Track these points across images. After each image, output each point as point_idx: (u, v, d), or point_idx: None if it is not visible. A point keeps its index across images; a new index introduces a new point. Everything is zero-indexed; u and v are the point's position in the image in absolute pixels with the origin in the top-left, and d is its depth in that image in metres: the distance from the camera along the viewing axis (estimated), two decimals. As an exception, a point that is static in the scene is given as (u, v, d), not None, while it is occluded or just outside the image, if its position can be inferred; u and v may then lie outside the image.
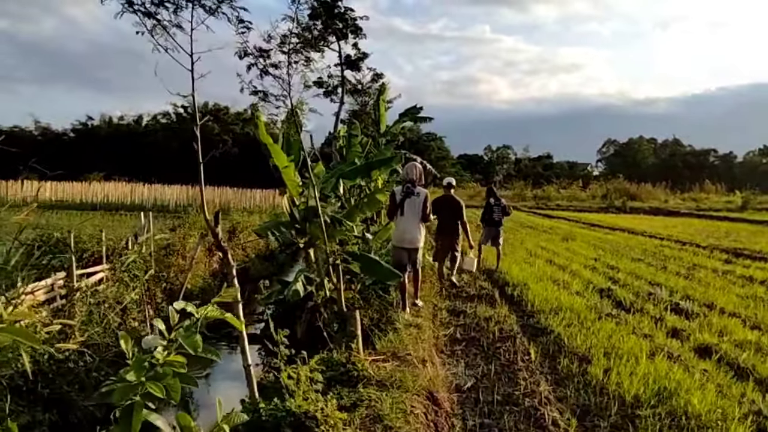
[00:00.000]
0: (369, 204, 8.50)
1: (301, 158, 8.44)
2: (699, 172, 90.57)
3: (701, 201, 55.43)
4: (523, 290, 12.00)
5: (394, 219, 9.45)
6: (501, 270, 14.39)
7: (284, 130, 8.24)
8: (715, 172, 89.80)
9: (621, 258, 17.71)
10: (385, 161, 8.61)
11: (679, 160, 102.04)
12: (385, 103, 24.57)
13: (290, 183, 7.97)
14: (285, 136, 8.39)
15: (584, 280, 13.49)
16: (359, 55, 51.19)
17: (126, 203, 37.39)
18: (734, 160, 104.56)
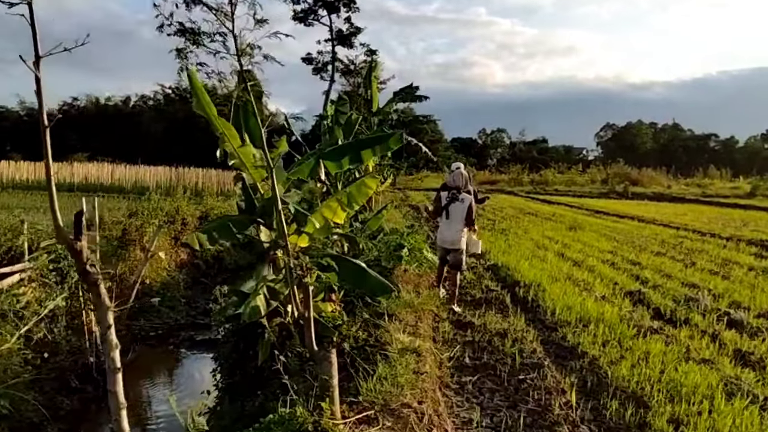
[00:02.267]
0: (356, 192, 6.55)
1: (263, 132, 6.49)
2: (699, 157, 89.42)
3: (706, 187, 53.70)
4: (538, 293, 10.12)
5: (439, 220, 10.01)
6: (505, 265, 12.50)
7: (237, 92, 6.23)
8: (715, 157, 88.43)
9: (640, 251, 15.84)
10: (381, 140, 6.64)
11: (679, 144, 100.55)
12: (377, 80, 22.67)
13: (249, 165, 6.04)
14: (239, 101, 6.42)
15: (607, 280, 11.62)
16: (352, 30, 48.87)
17: (105, 185, 35.38)
18: (735, 145, 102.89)
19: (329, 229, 6.44)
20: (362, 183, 6.64)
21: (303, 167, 6.43)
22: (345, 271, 6.23)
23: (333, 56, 49.79)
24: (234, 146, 5.92)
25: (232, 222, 6.12)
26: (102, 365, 8.20)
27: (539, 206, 32.08)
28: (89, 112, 71.21)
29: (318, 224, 6.22)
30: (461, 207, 9.55)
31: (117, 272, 9.73)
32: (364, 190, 6.61)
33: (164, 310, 11.38)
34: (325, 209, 6.34)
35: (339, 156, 6.57)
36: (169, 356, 10.41)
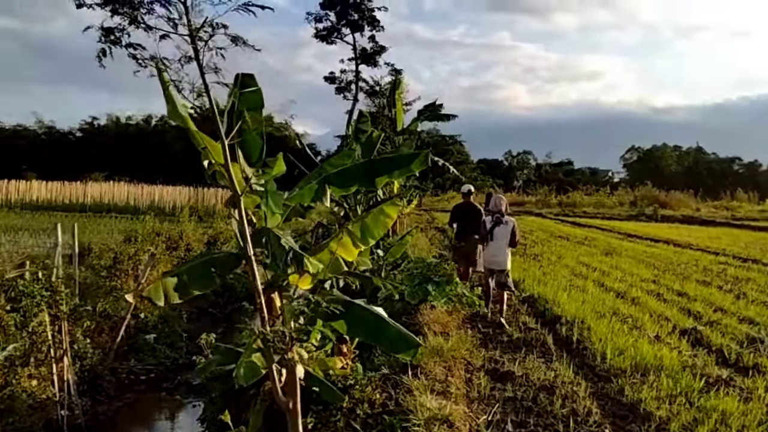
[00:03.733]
0: (373, 223, 5.46)
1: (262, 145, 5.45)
2: (723, 180, 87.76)
3: (735, 210, 51.95)
4: (583, 331, 8.97)
5: (485, 244, 10.43)
6: (542, 296, 11.36)
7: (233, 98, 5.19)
8: (739, 181, 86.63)
9: (684, 280, 14.58)
10: (399, 162, 5.52)
11: (703, 167, 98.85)
12: (402, 98, 21.68)
13: (238, 187, 5.02)
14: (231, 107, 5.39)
15: (656, 315, 10.42)
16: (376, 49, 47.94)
17: (120, 205, 34.56)
18: (759, 168, 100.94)
19: (339, 267, 5.35)
20: (380, 212, 5.57)
21: (304, 192, 5.36)
22: (356, 320, 5.12)
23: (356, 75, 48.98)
24: (218, 164, 4.88)
25: (216, 262, 5.00)
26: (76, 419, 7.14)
27: (570, 229, 30.78)
28: (109, 131, 70.69)
29: (325, 262, 5.16)
30: (506, 229, 10.21)
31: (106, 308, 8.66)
32: (383, 220, 5.53)
33: (161, 348, 10.22)
34: (334, 245, 5.27)
35: (347, 180, 5.50)
36: (161, 405, 9.17)
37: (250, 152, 5.61)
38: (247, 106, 5.58)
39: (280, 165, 5.30)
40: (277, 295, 5.14)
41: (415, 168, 5.57)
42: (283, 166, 5.35)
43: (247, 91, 5.56)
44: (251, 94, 5.58)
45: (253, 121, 5.67)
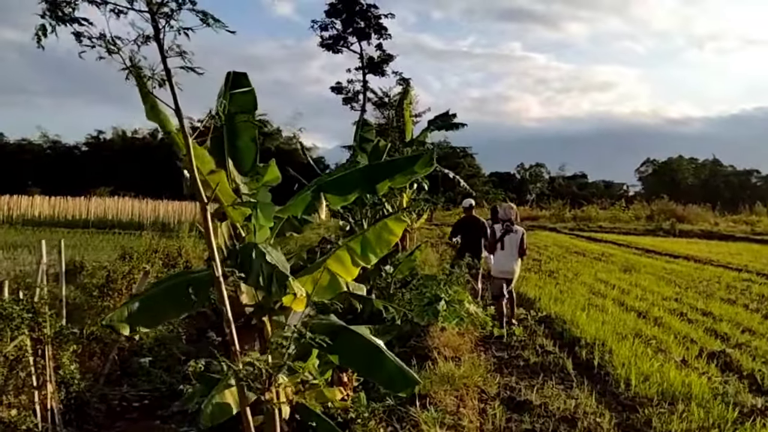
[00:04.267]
0: (375, 239, 4.94)
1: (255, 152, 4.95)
2: (741, 193, 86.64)
3: (755, 224, 50.95)
4: (605, 355, 8.41)
5: (494, 252, 10.72)
6: (559, 317, 10.82)
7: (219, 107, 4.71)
8: (758, 194, 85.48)
9: (707, 298, 13.96)
10: (402, 165, 4.99)
11: (721, 180, 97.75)
12: (410, 108, 21.23)
13: (225, 198, 4.53)
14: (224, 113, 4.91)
15: (681, 336, 9.84)
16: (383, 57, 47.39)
17: (123, 221, 34.11)
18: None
19: (337, 288, 4.83)
20: (384, 227, 5.06)
21: (297, 202, 4.84)
22: (349, 350, 4.56)
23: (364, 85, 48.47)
24: (203, 171, 4.39)
25: (194, 282, 4.46)
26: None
27: (585, 244, 30.12)
28: (115, 145, 70.32)
29: (322, 282, 4.64)
30: (515, 238, 10.54)
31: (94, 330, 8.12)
32: (386, 237, 5.02)
33: (156, 373, 9.61)
34: (332, 263, 4.76)
35: (345, 187, 4.98)
36: None
37: (242, 159, 5.14)
38: (238, 108, 5.12)
39: (272, 172, 4.77)
40: (267, 320, 4.61)
41: (420, 170, 5.04)
42: (276, 172, 4.83)
43: (239, 91, 5.10)
44: (243, 95, 5.12)
45: (245, 125, 5.20)
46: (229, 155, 5.04)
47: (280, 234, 5.07)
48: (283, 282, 4.08)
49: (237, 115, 5.12)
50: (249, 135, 5.15)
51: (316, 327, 4.35)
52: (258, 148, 5.19)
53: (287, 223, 5.01)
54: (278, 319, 4.65)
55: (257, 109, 5.23)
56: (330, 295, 4.84)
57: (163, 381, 9.83)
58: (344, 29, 47.33)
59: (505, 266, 10.49)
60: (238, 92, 5.10)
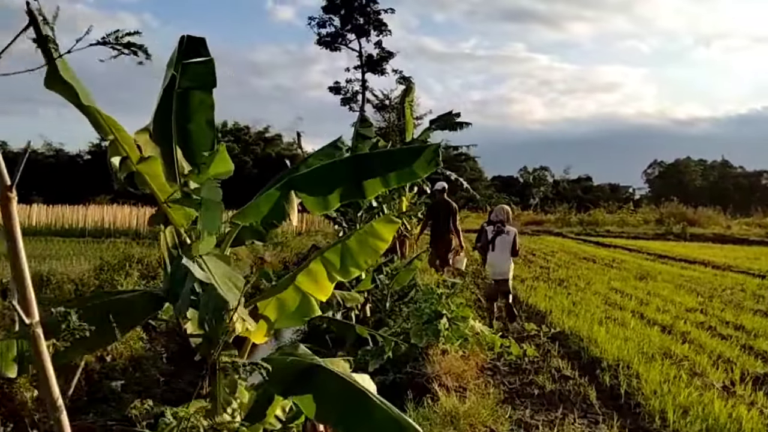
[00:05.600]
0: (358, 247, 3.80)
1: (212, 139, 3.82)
2: (751, 195, 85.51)
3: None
4: (632, 380, 7.24)
5: (487, 254, 10.74)
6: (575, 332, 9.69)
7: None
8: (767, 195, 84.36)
9: (736, 309, 12.79)
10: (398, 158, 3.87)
11: (730, 182, 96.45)
12: (412, 106, 20.14)
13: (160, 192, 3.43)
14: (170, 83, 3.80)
15: (715, 355, 8.68)
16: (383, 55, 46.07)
17: (121, 229, 33.08)
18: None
19: (308, 311, 3.69)
20: (370, 232, 3.92)
21: (260, 202, 3.72)
22: (327, 397, 3.38)
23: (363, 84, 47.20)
24: (132, 160, 3.28)
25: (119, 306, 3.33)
26: None
27: (594, 250, 28.88)
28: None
29: (289, 305, 3.51)
30: (507, 239, 10.48)
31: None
32: (372, 243, 3.89)
33: (129, 397, 8.55)
34: (302, 279, 3.63)
35: (323, 184, 3.84)
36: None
37: (195, 147, 4.01)
38: (192, 82, 3.99)
39: (221, 161, 3.59)
40: (217, 357, 3.48)
41: (421, 170, 3.91)
42: (227, 162, 3.65)
43: (195, 61, 3.96)
44: (200, 65, 3.99)
45: (200, 104, 4.06)
46: (178, 142, 3.92)
47: (239, 242, 3.94)
48: (220, 309, 2.96)
49: (191, 91, 4.00)
50: (205, 117, 4.03)
51: (279, 366, 3.23)
52: (216, 135, 4.07)
53: (247, 229, 3.87)
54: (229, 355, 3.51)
55: (216, 86, 4.10)
56: (298, 321, 3.74)
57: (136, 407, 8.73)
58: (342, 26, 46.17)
59: (497, 267, 10.49)
60: (193, 62, 3.96)
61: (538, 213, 61.74)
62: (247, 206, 3.78)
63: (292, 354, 3.51)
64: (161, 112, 3.86)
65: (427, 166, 4.00)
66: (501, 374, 7.54)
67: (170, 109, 3.86)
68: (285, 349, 3.68)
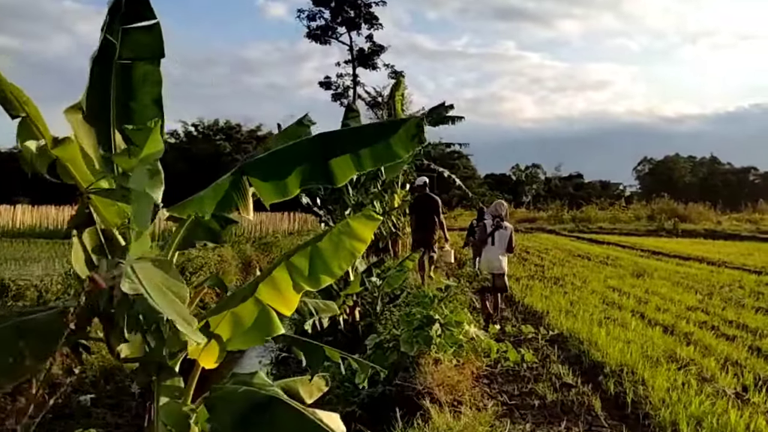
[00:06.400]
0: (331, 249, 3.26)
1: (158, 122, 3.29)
2: (740, 191, 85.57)
3: (759, 223, 49.48)
4: (638, 387, 6.76)
5: (482, 248, 10.85)
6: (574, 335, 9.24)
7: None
8: (756, 191, 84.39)
9: (736, 306, 12.37)
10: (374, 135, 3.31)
11: (719, 178, 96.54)
12: (402, 100, 19.68)
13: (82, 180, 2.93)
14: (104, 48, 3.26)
15: (722, 358, 8.24)
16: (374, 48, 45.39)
17: (106, 228, 32.46)
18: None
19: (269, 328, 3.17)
20: (345, 231, 3.37)
21: (207, 195, 3.20)
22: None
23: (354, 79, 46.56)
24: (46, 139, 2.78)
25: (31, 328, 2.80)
26: None
27: (588, 247, 28.46)
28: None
29: (246, 321, 2.99)
30: (505, 234, 10.53)
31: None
32: (349, 244, 3.34)
33: (98, 413, 7.97)
34: (263, 290, 3.11)
35: (281, 170, 3.30)
36: None
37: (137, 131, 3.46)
38: (135, 52, 3.45)
39: (153, 141, 3.03)
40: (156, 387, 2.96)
41: (401, 148, 3.34)
42: (158, 141, 3.10)
43: (138, 26, 3.42)
44: (144, 33, 3.45)
45: (144, 78, 3.52)
46: (118, 123, 3.39)
47: (189, 243, 3.41)
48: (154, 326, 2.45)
49: (134, 63, 3.47)
50: (150, 94, 3.50)
51: (229, 398, 2.72)
52: (163, 116, 3.54)
53: (199, 227, 3.33)
54: (172, 384, 2.98)
55: (164, 56, 3.56)
56: (257, 339, 3.18)
57: (107, 423, 8.16)
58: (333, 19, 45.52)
59: (494, 262, 10.56)
60: (135, 27, 3.43)
61: (531, 210, 61.49)
62: (191, 200, 3.25)
63: (247, 383, 3.01)
64: (96, 87, 3.32)
65: (408, 143, 3.43)
66: (498, 383, 7.05)
67: (108, 84, 3.33)
68: (240, 376, 3.17)
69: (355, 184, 10.52)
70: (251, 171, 3.25)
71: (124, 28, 3.31)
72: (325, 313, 4.25)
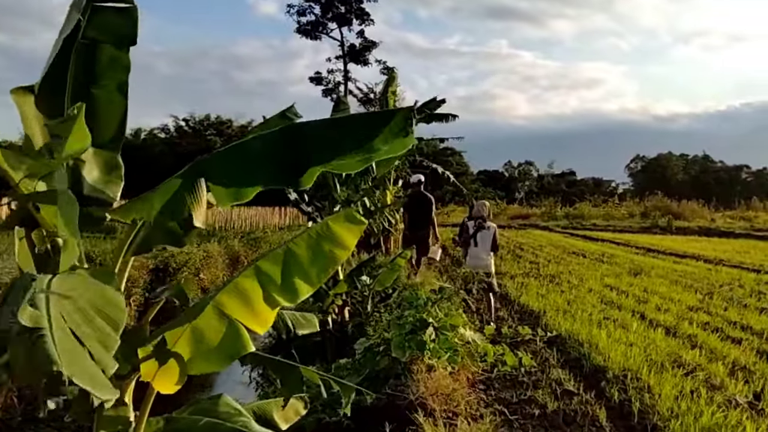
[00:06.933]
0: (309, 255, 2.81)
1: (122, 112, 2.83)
2: (732, 189, 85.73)
3: (753, 220, 49.32)
4: (644, 395, 6.36)
5: (468, 248, 10.96)
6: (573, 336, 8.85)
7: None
8: (748, 189, 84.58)
9: (738, 306, 12.00)
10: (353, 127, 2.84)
11: (711, 176, 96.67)
12: (394, 96, 19.23)
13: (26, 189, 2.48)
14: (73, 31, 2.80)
15: (729, 361, 7.84)
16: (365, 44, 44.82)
17: (96, 228, 31.77)
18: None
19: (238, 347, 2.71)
20: (325, 234, 2.89)
21: (155, 196, 2.73)
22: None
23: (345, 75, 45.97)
24: None
25: None
26: None
27: (582, 244, 28.06)
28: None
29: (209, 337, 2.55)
30: (488, 234, 10.75)
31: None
32: (329, 250, 2.85)
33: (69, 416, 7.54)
34: (228, 301, 2.65)
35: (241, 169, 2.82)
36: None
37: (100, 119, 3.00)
38: (103, 35, 2.97)
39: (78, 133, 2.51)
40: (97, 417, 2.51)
41: (385, 144, 2.85)
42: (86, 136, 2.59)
43: (111, 6, 2.94)
44: (117, 14, 2.97)
45: (111, 64, 3.04)
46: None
47: (144, 248, 2.94)
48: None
49: (100, 45, 2.99)
50: (115, 81, 3.01)
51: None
52: (127, 107, 3.08)
53: (157, 231, 2.86)
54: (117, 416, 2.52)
55: (136, 43, 3.08)
56: (222, 359, 2.71)
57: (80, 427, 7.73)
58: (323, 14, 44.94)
59: (479, 261, 10.74)
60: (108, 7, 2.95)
61: (524, 207, 61.06)
62: (137, 199, 2.79)
63: (210, 412, 2.57)
64: (56, 68, 2.86)
65: (394, 138, 2.90)
66: (495, 389, 6.61)
67: (68, 66, 2.87)
68: (202, 403, 2.73)
69: (344, 180, 10.07)
70: (209, 170, 2.76)
71: (95, 5, 2.84)
72: (304, 328, 3.79)
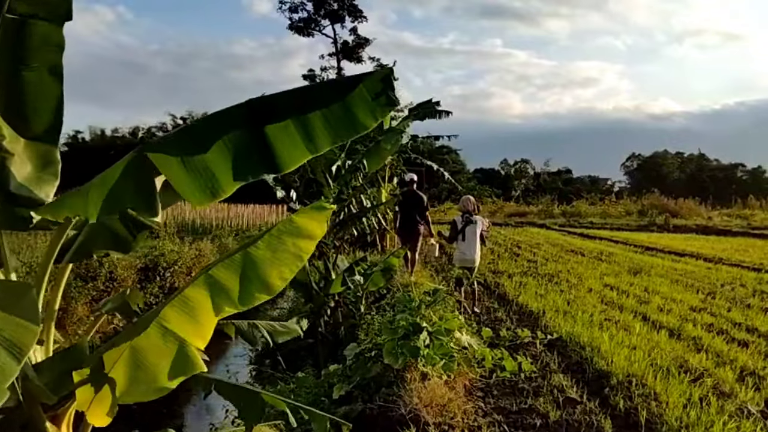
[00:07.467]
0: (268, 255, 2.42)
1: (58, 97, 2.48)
2: (727, 187, 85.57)
3: (749, 218, 49.07)
4: (650, 403, 6.02)
5: (456, 243, 11.10)
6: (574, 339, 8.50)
7: None
8: (743, 187, 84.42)
9: (743, 308, 11.66)
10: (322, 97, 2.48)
11: (707, 174, 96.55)
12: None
13: None
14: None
15: (737, 368, 7.49)
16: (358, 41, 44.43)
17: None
18: (763, 174, 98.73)
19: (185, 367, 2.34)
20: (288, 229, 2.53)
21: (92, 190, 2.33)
22: None
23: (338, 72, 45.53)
24: None
25: None
26: None
27: (580, 242, 27.72)
28: (95, 144, 67.25)
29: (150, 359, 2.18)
30: (475, 227, 10.84)
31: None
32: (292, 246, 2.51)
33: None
34: (172, 315, 2.28)
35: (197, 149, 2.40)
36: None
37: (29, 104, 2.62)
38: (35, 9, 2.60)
39: None
40: None
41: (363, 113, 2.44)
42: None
43: None
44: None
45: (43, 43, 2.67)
46: (3, 94, 2.56)
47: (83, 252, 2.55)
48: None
49: (30, 20, 2.61)
50: (48, 61, 2.64)
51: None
52: (62, 92, 2.70)
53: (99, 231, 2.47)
54: None
55: (71, 18, 2.71)
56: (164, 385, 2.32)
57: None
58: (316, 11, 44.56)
59: (467, 256, 10.88)
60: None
61: (521, 205, 60.77)
62: (69, 193, 2.41)
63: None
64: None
65: (374, 105, 2.49)
66: (494, 396, 6.26)
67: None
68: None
69: (335, 176, 9.70)
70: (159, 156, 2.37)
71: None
72: (282, 336, 3.43)
